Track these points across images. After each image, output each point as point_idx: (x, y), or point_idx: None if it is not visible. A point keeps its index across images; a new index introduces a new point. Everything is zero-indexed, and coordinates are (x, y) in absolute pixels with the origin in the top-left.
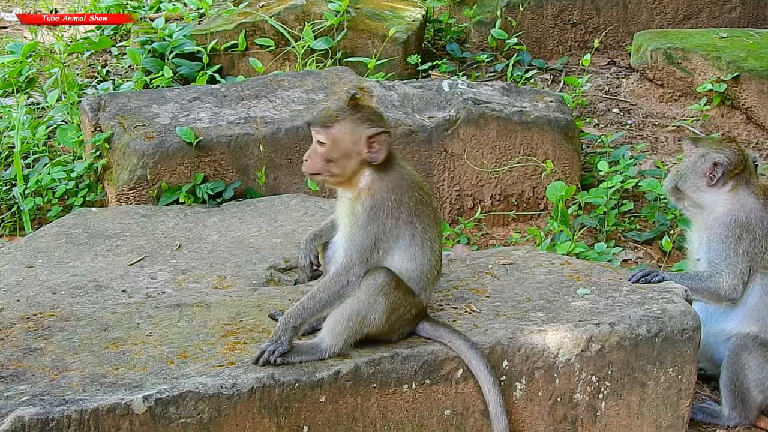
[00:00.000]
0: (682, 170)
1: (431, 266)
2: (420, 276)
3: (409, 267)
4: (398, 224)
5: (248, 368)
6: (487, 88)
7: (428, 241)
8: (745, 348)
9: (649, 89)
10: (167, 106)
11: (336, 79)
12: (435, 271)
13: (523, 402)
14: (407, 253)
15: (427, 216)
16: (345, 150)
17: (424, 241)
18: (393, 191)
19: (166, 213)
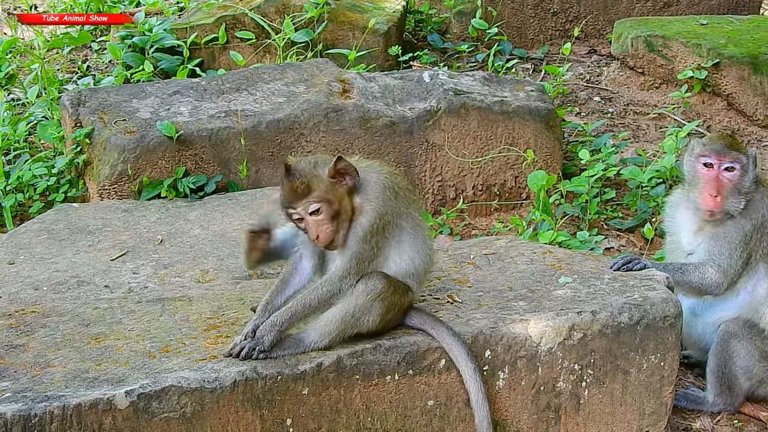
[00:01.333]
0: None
1: (426, 261)
2: (416, 272)
3: (406, 265)
4: (395, 229)
5: (231, 362)
6: (468, 78)
7: (421, 237)
8: (734, 335)
9: (630, 77)
10: (148, 101)
11: (317, 72)
12: (429, 265)
13: (506, 391)
14: (403, 252)
15: (416, 211)
16: (334, 198)
17: (417, 237)
18: (385, 201)
19: (148, 208)
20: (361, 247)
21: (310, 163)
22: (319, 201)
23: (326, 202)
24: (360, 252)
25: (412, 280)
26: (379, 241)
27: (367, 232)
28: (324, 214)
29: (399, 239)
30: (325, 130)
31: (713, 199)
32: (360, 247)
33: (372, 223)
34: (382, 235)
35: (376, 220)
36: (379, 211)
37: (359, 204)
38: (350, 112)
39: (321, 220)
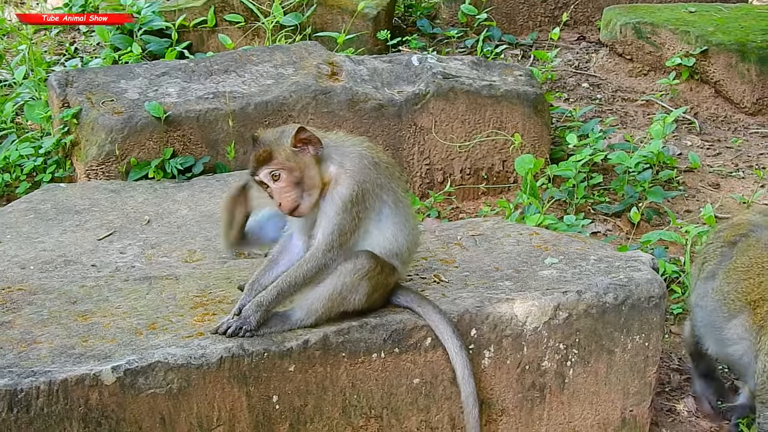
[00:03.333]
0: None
1: (410, 240)
2: (400, 252)
3: (389, 244)
4: (376, 201)
5: (217, 338)
6: (457, 62)
7: (404, 213)
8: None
9: (619, 64)
10: (135, 82)
11: (305, 54)
12: (413, 244)
13: (491, 370)
14: (386, 229)
15: (398, 186)
16: (296, 166)
17: (399, 213)
18: (362, 169)
19: (135, 188)
20: (342, 218)
21: (276, 132)
22: (280, 167)
23: (287, 169)
24: (341, 223)
25: (396, 260)
26: (360, 211)
27: (347, 201)
28: (285, 181)
29: (380, 213)
30: (314, 112)
31: None
32: (341, 218)
33: (351, 192)
34: (362, 205)
35: (355, 188)
36: (357, 179)
37: (336, 174)
38: (339, 95)
39: (283, 186)
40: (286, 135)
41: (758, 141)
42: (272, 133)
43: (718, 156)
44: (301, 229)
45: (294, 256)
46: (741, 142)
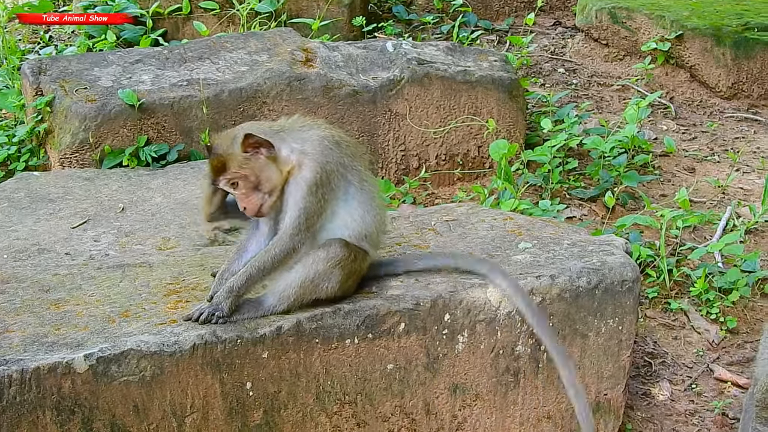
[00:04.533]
0: None
1: (378, 221)
2: (368, 233)
3: (357, 225)
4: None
5: (190, 326)
6: (432, 48)
7: (369, 193)
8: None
9: (594, 49)
10: (109, 69)
11: (280, 41)
12: (381, 225)
13: (465, 355)
14: (353, 210)
15: (362, 165)
16: (251, 171)
17: (365, 193)
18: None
19: (110, 176)
20: (308, 201)
21: (228, 139)
22: (235, 176)
23: (241, 176)
24: (307, 207)
25: (365, 242)
26: (325, 193)
27: (311, 184)
28: (243, 188)
29: (346, 193)
30: (288, 98)
31: None
32: (306, 202)
33: (314, 175)
34: (327, 186)
35: (318, 171)
36: (319, 162)
37: (298, 160)
38: (313, 81)
39: (243, 192)
40: (236, 142)
41: (733, 125)
42: (225, 140)
43: (694, 140)
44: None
45: (262, 242)
46: (716, 126)
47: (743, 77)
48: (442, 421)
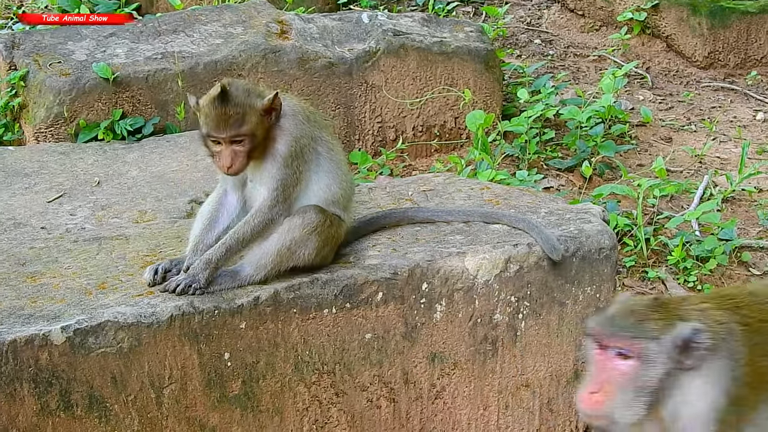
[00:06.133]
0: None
1: (347, 183)
2: (341, 196)
3: (331, 191)
4: (312, 153)
5: (167, 297)
6: (407, 20)
7: (336, 162)
8: None
9: (571, 20)
10: (83, 43)
11: (254, 13)
12: (349, 190)
13: (443, 324)
14: (324, 175)
15: (328, 135)
16: (259, 133)
17: (333, 162)
18: (298, 125)
19: (85, 150)
20: (284, 173)
21: (244, 91)
22: (248, 134)
23: (252, 135)
24: (284, 178)
25: (337, 208)
26: (299, 164)
27: (287, 157)
28: (245, 147)
29: (318, 164)
30: (263, 71)
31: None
32: (283, 173)
33: (290, 148)
34: (301, 159)
35: (293, 144)
36: (294, 136)
37: (274, 133)
38: (288, 53)
39: (240, 151)
40: (256, 97)
41: (710, 94)
42: (241, 90)
43: (671, 110)
44: (235, 186)
45: (231, 213)
46: (693, 95)
47: (719, 46)
48: (420, 390)
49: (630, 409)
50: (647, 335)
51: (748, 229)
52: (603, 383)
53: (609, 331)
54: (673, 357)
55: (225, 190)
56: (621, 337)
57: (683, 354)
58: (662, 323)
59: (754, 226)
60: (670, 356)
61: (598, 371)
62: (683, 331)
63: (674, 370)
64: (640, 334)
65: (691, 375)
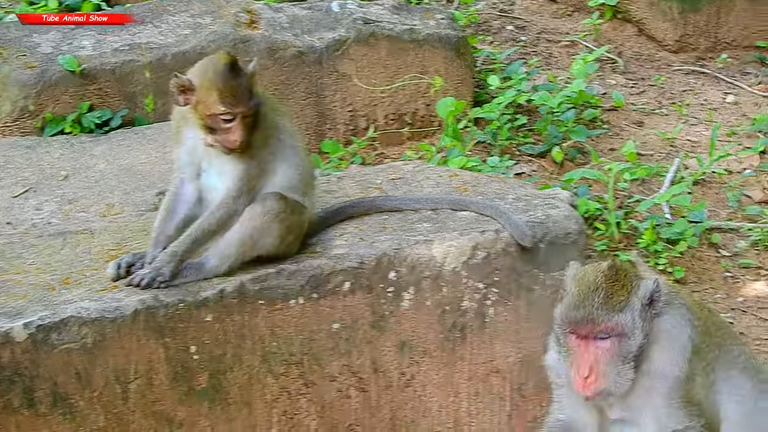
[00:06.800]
0: None
1: (308, 170)
2: (301, 182)
3: (290, 177)
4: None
5: (132, 291)
6: (378, 7)
7: (300, 149)
8: None
9: (543, 5)
10: (49, 36)
11: (223, 3)
12: (312, 173)
13: (412, 312)
14: (286, 165)
15: (289, 122)
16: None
17: (296, 149)
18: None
19: (51, 144)
20: (249, 164)
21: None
22: (259, 104)
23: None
24: (248, 168)
25: (296, 194)
26: (264, 156)
27: (252, 147)
28: (252, 120)
29: (280, 153)
30: None
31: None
32: (248, 164)
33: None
34: (265, 150)
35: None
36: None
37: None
38: (258, 43)
39: (249, 124)
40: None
41: (681, 78)
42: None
43: (642, 94)
44: (191, 177)
45: (189, 202)
46: (664, 79)
47: (690, 30)
48: (390, 378)
49: (622, 378)
50: (619, 308)
51: (719, 211)
52: (591, 365)
53: (582, 318)
54: (643, 315)
55: (181, 181)
56: (596, 323)
57: (651, 306)
58: (626, 290)
59: (723, 208)
60: (641, 315)
61: (582, 355)
62: (648, 287)
63: (646, 326)
64: (612, 311)
65: (658, 320)
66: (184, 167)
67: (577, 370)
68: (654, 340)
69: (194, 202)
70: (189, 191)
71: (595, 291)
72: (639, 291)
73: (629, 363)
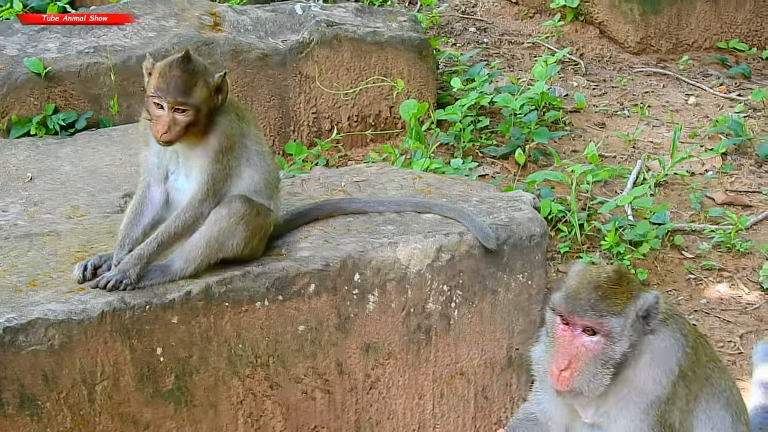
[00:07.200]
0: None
1: (273, 173)
2: (266, 186)
3: (255, 181)
4: (244, 150)
5: (98, 293)
6: (341, 10)
7: (265, 153)
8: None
9: (505, 7)
10: (14, 38)
11: (187, 6)
12: (276, 176)
13: (376, 314)
14: (252, 168)
15: (255, 128)
16: (203, 109)
17: (261, 153)
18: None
19: (17, 146)
20: (215, 168)
21: (202, 64)
22: (193, 105)
23: (196, 110)
24: (214, 173)
25: (261, 197)
26: (230, 160)
27: (218, 152)
28: (187, 118)
29: (246, 158)
30: None
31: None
32: (214, 168)
33: (222, 144)
34: (231, 154)
35: (225, 141)
36: (226, 133)
37: (208, 126)
38: (222, 45)
39: (181, 121)
40: (212, 75)
41: (643, 80)
42: (200, 63)
43: (604, 96)
44: (158, 179)
45: (156, 206)
46: (626, 81)
47: (651, 32)
48: (355, 380)
49: (597, 381)
50: (613, 311)
51: (681, 212)
52: (570, 359)
53: (575, 308)
54: (635, 326)
55: (148, 184)
56: (588, 316)
57: (645, 320)
58: (625, 297)
59: (686, 210)
60: (633, 326)
61: (565, 347)
62: (648, 299)
63: (635, 338)
64: (606, 311)
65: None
66: (151, 170)
67: (555, 361)
68: (642, 354)
69: (161, 205)
70: (156, 194)
71: (595, 288)
72: (637, 301)
73: (608, 368)
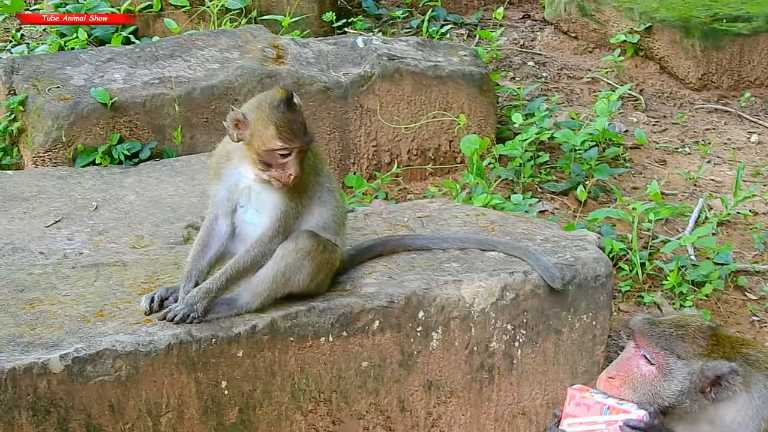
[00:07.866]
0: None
1: (340, 209)
2: (333, 221)
3: (325, 217)
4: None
5: (165, 325)
6: (402, 43)
7: (335, 190)
8: None
9: (564, 42)
10: (81, 68)
11: (250, 38)
12: (344, 212)
13: (440, 352)
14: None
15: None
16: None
17: (332, 191)
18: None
19: (83, 175)
20: (289, 206)
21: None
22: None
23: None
24: (288, 210)
25: (328, 233)
26: (303, 198)
27: (293, 190)
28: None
29: (319, 196)
30: None
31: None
32: (288, 206)
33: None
34: (305, 192)
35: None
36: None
37: None
38: (284, 78)
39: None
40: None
41: (704, 116)
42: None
43: (664, 132)
44: (226, 212)
45: (222, 238)
46: (687, 117)
47: (713, 68)
48: (417, 418)
49: (639, 408)
50: (677, 352)
51: (744, 252)
52: (621, 373)
53: (645, 331)
54: (697, 384)
55: (215, 216)
56: (652, 342)
57: (712, 387)
58: (701, 350)
59: (749, 250)
60: (692, 381)
61: (624, 361)
62: (721, 368)
63: (695, 395)
64: (670, 347)
65: (722, 404)
66: (220, 203)
67: (609, 368)
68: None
69: (227, 237)
70: (222, 226)
71: (677, 326)
72: (711, 362)
73: (654, 404)
